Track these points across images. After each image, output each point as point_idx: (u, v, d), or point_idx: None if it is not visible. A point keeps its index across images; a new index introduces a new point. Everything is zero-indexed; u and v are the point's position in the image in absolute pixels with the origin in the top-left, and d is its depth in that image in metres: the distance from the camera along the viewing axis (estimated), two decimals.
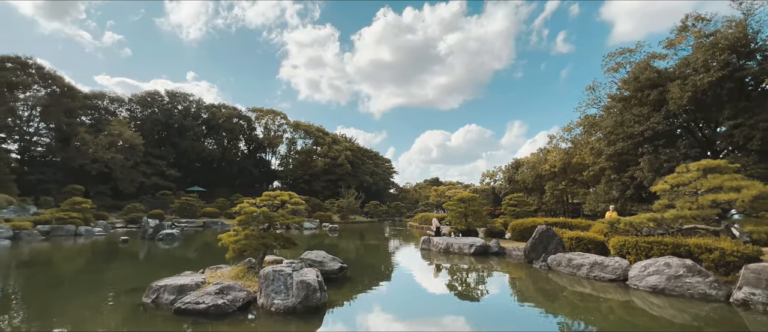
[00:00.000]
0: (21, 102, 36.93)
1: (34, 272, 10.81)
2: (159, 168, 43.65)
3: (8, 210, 22.57)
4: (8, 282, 9.18)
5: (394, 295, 8.33)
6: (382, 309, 6.99)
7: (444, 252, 14.47)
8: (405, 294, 8.51)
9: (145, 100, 49.12)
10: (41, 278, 9.66)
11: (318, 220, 34.65)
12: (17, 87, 36.33)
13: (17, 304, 7.13)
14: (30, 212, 23.54)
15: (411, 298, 8.07)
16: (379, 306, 7.20)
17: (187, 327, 5.44)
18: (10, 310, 6.68)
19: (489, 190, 51.78)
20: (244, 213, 8.05)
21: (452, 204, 19.33)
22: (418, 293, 8.45)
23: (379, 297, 8.05)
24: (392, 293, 8.54)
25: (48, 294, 7.87)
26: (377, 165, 67.36)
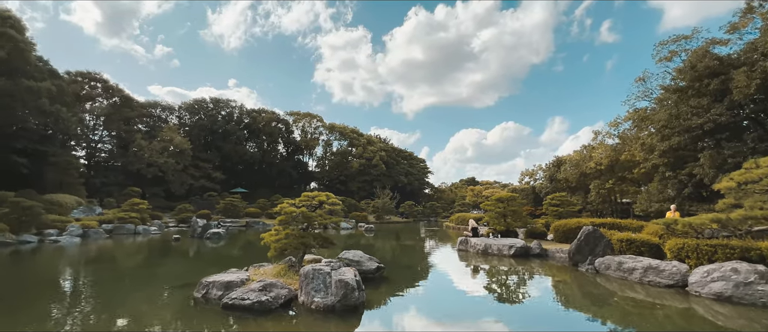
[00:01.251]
0: (88, 112, 40.79)
1: (100, 267, 11.90)
2: (206, 171, 46.38)
3: (78, 210, 25.00)
4: (80, 276, 10.19)
5: (432, 296, 8.25)
6: (420, 310, 6.94)
7: (482, 253, 14.12)
8: (443, 295, 8.40)
9: (193, 107, 52.42)
10: (106, 272, 10.61)
11: (354, 220, 35.13)
12: (85, 99, 40.22)
13: (88, 295, 7.88)
14: (96, 212, 25.89)
15: (449, 300, 7.94)
16: (416, 306, 7.16)
17: (233, 322, 5.72)
18: (82, 301, 7.40)
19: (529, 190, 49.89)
20: (285, 214, 8.33)
21: (490, 204, 18.82)
22: (456, 295, 8.30)
23: (417, 297, 8.01)
24: (430, 294, 8.46)
25: (112, 287, 8.62)
26: (412, 165, 67.14)
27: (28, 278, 10.04)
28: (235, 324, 5.66)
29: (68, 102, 31.60)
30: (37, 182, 27.42)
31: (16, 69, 26.83)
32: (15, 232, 16.56)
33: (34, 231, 17.55)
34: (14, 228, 16.72)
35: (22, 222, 17.18)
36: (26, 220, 17.39)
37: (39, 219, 17.97)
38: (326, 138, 64.48)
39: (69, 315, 6.37)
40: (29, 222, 17.51)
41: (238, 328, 5.53)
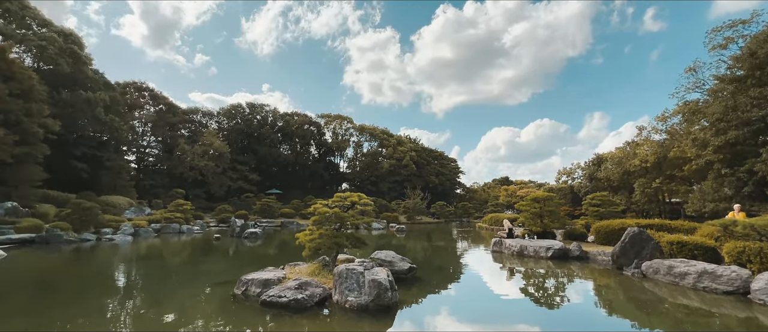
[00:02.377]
0: (137, 120, 43.86)
1: (149, 264, 12.74)
2: (243, 174, 48.39)
3: (130, 210, 26.92)
4: (132, 272, 10.97)
5: (466, 298, 8.11)
6: (453, 311, 6.85)
7: (517, 255, 13.69)
8: (476, 297, 8.23)
9: (230, 112, 54.89)
10: (155, 269, 11.35)
11: (385, 221, 35.25)
12: (135, 107, 43.28)
13: (139, 290, 8.47)
14: (145, 213, 27.75)
15: (483, 302, 7.76)
16: (450, 308, 7.07)
17: (272, 319, 5.92)
18: (134, 295, 7.97)
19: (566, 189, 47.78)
20: (318, 214, 8.51)
21: (525, 205, 18.21)
22: (491, 297, 8.10)
23: (450, 299, 7.91)
24: (463, 296, 8.32)
25: (160, 283, 9.21)
26: (442, 165, 66.36)
27: (88, 273, 10.95)
28: (273, 320, 5.86)
29: (120, 111, 34.17)
30: (94, 185, 29.85)
31: (76, 81, 29.38)
32: (77, 231, 18.10)
33: (93, 230, 19.08)
34: (76, 227, 18.28)
35: (82, 222, 18.75)
36: (86, 220, 18.96)
37: (97, 219, 19.52)
38: (357, 139, 65.22)
39: (123, 307, 6.88)
40: (88, 221, 19.07)
41: (276, 325, 5.72)
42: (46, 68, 27.99)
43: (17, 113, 20.54)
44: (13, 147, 19.98)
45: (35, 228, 17.22)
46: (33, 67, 26.47)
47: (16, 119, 20.43)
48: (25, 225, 17.09)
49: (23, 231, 16.72)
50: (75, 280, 9.68)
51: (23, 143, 21.00)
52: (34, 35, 27.33)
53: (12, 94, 20.41)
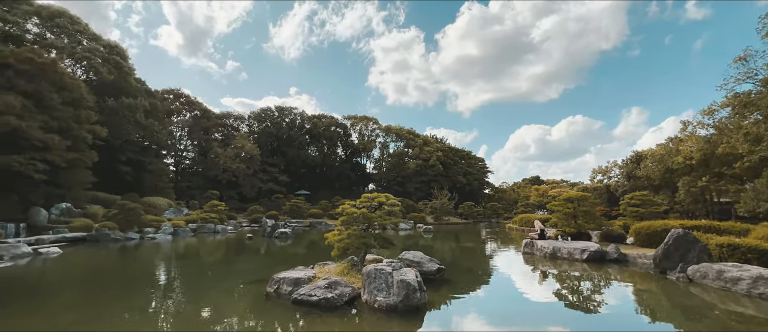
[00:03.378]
0: (175, 125, 46.20)
1: (187, 262, 13.39)
2: (273, 175, 49.79)
3: (169, 211, 28.39)
4: (172, 269, 11.57)
5: (495, 300, 7.93)
6: (482, 313, 6.71)
7: (550, 257, 13.23)
8: (507, 299, 8.02)
9: (260, 116, 56.66)
10: (192, 267, 11.91)
11: (412, 221, 35.12)
12: (172, 113, 45.63)
13: (178, 286, 8.91)
14: (183, 213, 29.17)
15: (514, 305, 7.55)
16: (479, 310, 6.94)
17: (303, 317, 6.05)
18: (174, 290, 8.40)
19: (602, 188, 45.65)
20: (346, 215, 8.62)
21: (558, 205, 17.57)
22: (522, 300, 7.86)
23: (479, 301, 7.76)
24: (493, 298, 8.14)
25: (197, 280, 9.65)
26: (470, 164, 65.25)
27: (133, 270, 11.66)
28: (305, 319, 5.98)
29: (160, 116, 36.13)
30: (137, 187, 31.74)
31: (120, 90, 31.37)
32: (122, 230, 19.31)
33: (137, 229, 20.28)
34: (122, 226, 19.51)
35: (127, 222, 19.98)
36: (131, 220, 20.19)
37: (140, 219, 20.74)
38: (383, 140, 65.41)
39: (165, 302, 7.27)
40: (133, 221, 20.29)
41: (308, 323, 5.84)
42: (93, 78, 30.09)
43: (68, 121, 22.20)
44: (66, 152, 21.61)
45: (86, 227, 18.55)
46: (82, 78, 28.53)
47: (67, 126, 22.08)
48: (77, 225, 18.46)
49: (76, 230, 18.06)
50: (122, 277, 10.33)
51: (75, 149, 22.66)
52: (83, 48, 29.45)
53: (64, 103, 22.09)
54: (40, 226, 17.88)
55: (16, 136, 18.73)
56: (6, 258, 11.76)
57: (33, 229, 17.50)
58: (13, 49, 21.07)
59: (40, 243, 15.39)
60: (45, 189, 21.37)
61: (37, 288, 8.91)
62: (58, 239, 16.61)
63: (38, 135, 19.47)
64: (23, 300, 7.35)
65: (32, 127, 19.16)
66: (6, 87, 19.18)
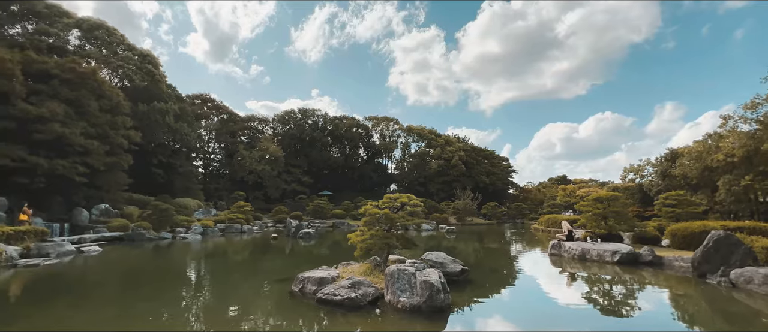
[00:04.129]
0: (203, 128, 47.95)
1: (216, 261, 13.85)
2: (296, 176, 50.75)
3: (199, 211, 29.48)
4: (202, 268, 12.00)
5: (521, 303, 7.75)
6: (508, 316, 6.58)
7: (579, 258, 12.80)
8: (533, 302, 7.81)
9: (284, 118, 57.87)
10: (220, 265, 12.32)
11: (434, 222, 34.87)
12: (201, 117, 47.37)
13: (207, 284, 9.24)
14: (212, 213, 30.22)
15: (540, 308, 7.34)
16: (504, 312, 6.80)
17: (328, 316, 6.12)
18: (203, 288, 8.71)
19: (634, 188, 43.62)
20: (369, 215, 8.66)
21: (587, 205, 16.96)
22: (550, 303, 7.63)
23: (504, 303, 7.61)
24: (519, 300, 7.96)
25: (225, 278, 9.96)
26: (493, 164, 64.07)
27: (166, 268, 12.19)
28: (330, 318, 6.05)
29: (189, 120, 37.60)
30: (169, 188, 33.14)
31: (153, 96, 32.88)
32: (156, 229, 20.22)
33: (169, 229, 21.18)
34: (155, 226, 20.43)
35: (160, 222, 20.90)
36: (163, 220, 21.11)
37: (172, 219, 21.65)
38: (404, 140, 65.32)
39: (196, 299, 7.56)
40: (165, 221, 21.21)
41: (333, 323, 5.91)
42: (128, 85, 31.69)
43: (106, 127, 23.49)
44: (105, 156, 22.87)
45: (123, 227, 19.55)
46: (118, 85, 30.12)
47: (105, 132, 23.37)
48: (115, 225, 19.48)
49: (114, 229, 19.07)
50: (156, 274, 10.82)
51: (112, 153, 23.95)
52: (118, 57, 31.09)
53: (102, 110, 23.39)
54: (82, 226, 19.00)
55: (61, 142, 19.98)
56: (52, 256, 12.57)
57: (75, 229, 18.61)
58: (56, 59, 22.51)
59: (82, 241, 16.35)
60: (86, 191, 22.69)
61: (80, 284, 9.48)
62: (97, 238, 17.60)
63: (79, 140, 20.69)
64: (68, 296, 7.84)
65: (74, 133, 20.39)
66: (50, 95, 20.51)
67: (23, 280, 9.23)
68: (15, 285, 8.72)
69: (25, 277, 9.56)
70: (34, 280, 9.27)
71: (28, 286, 8.63)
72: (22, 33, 25.13)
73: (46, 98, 20.08)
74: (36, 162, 18.63)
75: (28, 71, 20.18)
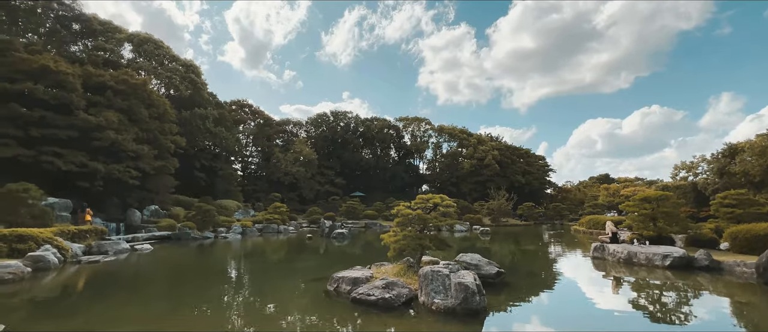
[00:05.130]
0: (241, 133, 50.15)
1: (255, 259, 14.41)
2: (329, 178, 51.77)
3: (238, 212, 30.83)
4: (242, 266, 12.55)
5: (562, 307, 7.42)
6: (547, 321, 6.32)
7: (625, 262, 12.06)
8: (575, 307, 7.45)
9: (316, 121, 59.23)
10: (259, 264, 12.81)
11: (468, 223, 34.24)
12: (239, 122, 49.57)
13: (247, 282, 9.65)
14: (250, 214, 31.50)
15: (583, 313, 6.97)
16: (543, 317, 6.54)
17: (363, 316, 6.19)
18: (243, 286, 9.11)
19: (687, 187, 40.46)
20: (401, 216, 8.66)
21: (633, 205, 15.95)
22: (592, 308, 7.24)
23: (544, 307, 7.32)
24: (559, 304, 7.63)
25: (263, 276, 10.35)
26: (529, 163, 61.88)
27: (210, 265, 12.86)
28: (365, 318, 6.12)
29: (228, 125, 39.48)
30: (210, 190, 34.97)
31: (195, 103, 34.85)
32: (200, 229, 21.39)
33: (211, 229, 22.33)
34: (199, 226, 21.62)
35: (204, 222, 22.09)
36: (206, 220, 22.29)
37: (214, 220, 22.81)
38: (435, 140, 64.71)
39: (237, 295, 7.92)
40: (208, 221, 22.39)
41: (369, 323, 5.96)
42: (173, 94, 33.82)
43: (155, 133, 25.21)
44: (154, 160, 24.54)
45: (170, 227, 20.86)
46: (164, 94, 32.23)
47: (154, 137, 25.09)
48: (163, 224, 20.84)
49: (163, 229, 20.39)
50: (201, 271, 11.45)
51: (160, 157, 25.66)
52: (165, 68, 33.27)
53: (151, 117, 25.13)
54: (135, 225, 20.49)
55: (115, 148, 21.68)
56: (110, 254, 13.65)
57: (129, 228, 20.11)
58: (111, 72, 24.46)
59: (136, 240, 17.62)
60: (138, 194, 24.46)
61: (135, 280, 10.23)
62: (149, 237, 18.90)
63: (131, 146, 22.34)
64: (124, 291, 8.48)
65: (126, 139, 22.05)
66: (106, 105, 22.31)
67: (86, 275, 10.09)
68: (79, 280, 9.56)
69: (87, 272, 10.45)
70: (95, 275, 10.11)
71: (89, 281, 9.43)
72: (82, 49, 27.54)
73: (102, 108, 21.87)
74: (95, 167, 20.33)
75: (87, 84, 22.10)
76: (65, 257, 11.83)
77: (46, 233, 12.09)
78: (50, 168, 18.98)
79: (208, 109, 35.33)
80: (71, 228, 14.29)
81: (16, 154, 18.21)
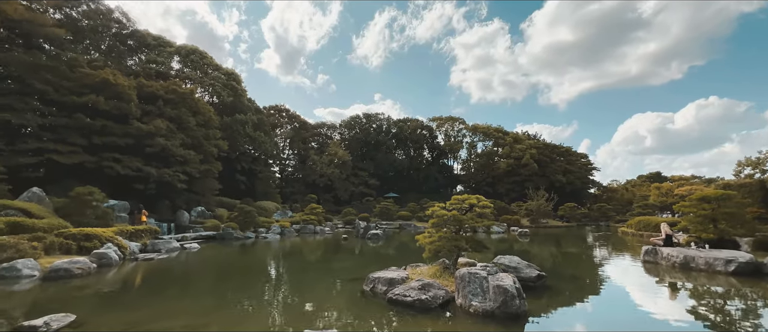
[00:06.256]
0: (279, 137, 52.06)
1: (293, 258, 14.87)
2: (363, 179, 52.36)
3: (277, 213, 31.98)
4: (281, 265, 13.00)
5: (609, 314, 6.98)
6: (594, 328, 5.99)
7: (680, 267, 11.16)
8: (624, 314, 6.97)
9: (350, 124, 60.14)
10: (297, 264, 13.21)
11: (505, 224, 33.22)
12: (276, 126, 51.51)
13: (286, 281, 9.97)
14: (288, 215, 32.56)
15: (634, 321, 6.47)
16: (590, 323, 6.20)
17: (399, 317, 6.20)
18: (282, 284, 9.43)
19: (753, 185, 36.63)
20: (436, 217, 8.59)
21: (690, 206, 14.72)
22: (644, 316, 6.70)
23: (590, 314, 6.93)
24: (606, 311, 7.19)
25: (301, 276, 10.66)
26: (570, 162, 58.96)
27: (252, 264, 13.44)
28: (400, 318, 6.12)
29: (266, 130, 41.13)
30: (250, 193, 36.57)
31: (236, 109, 36.63)
32: (242, 230, 22.42)
33: (252, 229, 23.33)
34: (241, 226, 22.66)
35: (245, 223, 23.13)
36: (248, 221, 23.33)
37: (254, 221, 23.82)
38: (470, 140, 63.49)
39: (277, 293, 8.21)
40: (249, 222, 23.41)
41: (405, 324, 5.97)
42: (216, 101, 35.78)
43: (200, 138, 26.78)
44: (200, 164, 26.08)
45: (215, 227, 22.04)
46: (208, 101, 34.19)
47: (200, 143, 26.67)
48: (209, 225, 22.06)
49: (208, 229, 21.60)
50: (244, 270, 12.00)
51: (205, 161, 27.23)
52: (209, 77, 35.29)
53: (197, 124, 26.73)
54: (184, 226, 21.86)
55: (165, 153, 23.28)
56: (163, 252, 14.67)
57: (179, 228, 21.49)
58: (161, 83, 26.31)
59: (184, 239, 18.80)
60: (186, 196, 26.10)
61: (185, 276, 10.92)
62: (196, 236, 20.10)
63: (179, 151, 23.89)
64: (175, 286, 9.08)
65: (175, 145, 23.61)
66: (157, 114, 24.03)
67: (142, 272, 10.92)
68: (137, 276, 10.36)
69: (143, 269, 11.30)
70: (151, 272, 10.91)
71: (146, 277, 10.19)
72: (137, 63, 29.86)
73: (154, 116, 23.58)
74: (148, 171, 21.96)
75: (140, 95, 23.92)
76: (124, 254, 12.86)
77: (108, 232, 13.20)
78: (110, 172, 20.75)
79: (247, 115, 37.04)
80: (129, 227, 15.52)
81: (82, 160, 20.09)
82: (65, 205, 15.78)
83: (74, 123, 20.25)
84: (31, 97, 19.84)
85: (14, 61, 19.04)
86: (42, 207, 14.66)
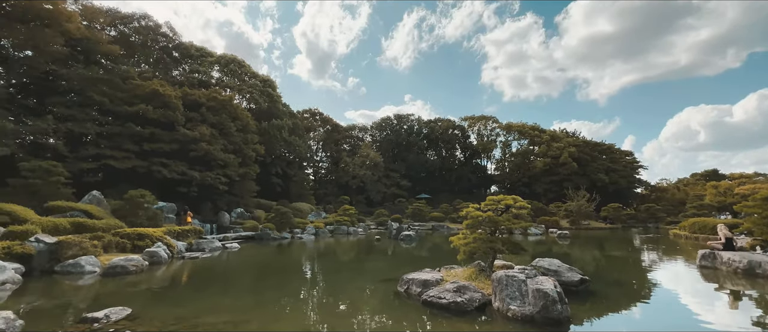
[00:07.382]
0: (312, 140, 53.39)
1: (328, 259, 15.16)
2: (395, 180, 52.44)
3: (311, 215, 32.75)
4: (316, 265, 13.30)
5: (662, 322, 6.49)
6: None
7: (743, 273, 10.19)
8: (679, 322, 6.43)
9: (381, 125, 60.50)
10: (331, 264, 13.44)
11: (543, 226, 31.96)
12: (310, 130, 52.87)
13: (320, 281, 10.18)
14: (321, 216, 33.25)
15: (689, 328, 6.00)
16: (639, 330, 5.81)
17: (434, 319, 6.13)
18: (317, 284, 9.63)
19: None
20: (471, 218, 8.42)
21: (753, 206, 13.41)
22: (702, 325, 6.18)
23: (638, 322, 6.49)
24: (658, 319, 6.69)
25: (335, 276, 10.83)
26: (613, 160, 55.71)
27: (288, 264, 13.85)
28: (435, 320, 6.05)
29: (300, 133, 42.31)
30: (286, 194, 37.72)
31: (271, 114, 37.98)
32: (278, 230, 23.17)
33: (288, 230, 24.05)
34: (278, 227, 23.43)
35: (281, 224, 23.89)
36: (284, 222, 24.08)
37: (290, 222, 24.54)
38: (504, 139, 61.80)
39: (312, 292, 8.41)
40: (285, 223, 24.16)
41: (438, 325, 5.90)
42: (253, 107, 37.31)
43: (240, 143, 28.03)
44: (239, 168, 27.29)
45: (254, 227, 22.95)
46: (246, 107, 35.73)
47: (239, 147, 27.92)
48: (248, 226, 23.00)
49: (247, 230, 22.52)
50: (281, 269, 12.40)
51: (244, 165, 28.46)
52: (246, 84, 36.88)
53: (237, 130, 28.00)
54: (225, 226, 22.96)
55: (207, 157, 24.59)
56: (207, 251, 15.48)
57: (220, 228, 22.59)
58: (203, 91, 27.83)
59: (226, 239, 19.73)
60: (227, 198, 27.40)
61: (226, 275, 11.45)
62: (236, 236, 21.02)
63: (220, 155, 25.14)
64: (218, 284, 9.54)
65: (216, 149, 24.87)
66: (200, 121, 25.43)
67: (189, 269, 11.58)
68: (184, 274, 11.00)
69: (189, 267, 11.99)
70: (196, 270, 11.55)
71: (192, 274, 10.80)
72: (181, 73, 31.81)
73: (197, 123, 24.98)
74: (192, 174, 23.28)
75: (184, 102, 25.44)
76: (172, 253, 13.69)
77: (158, 232, 14.13)
78: (158, 176, 22.22)
79: (283, 120, 38.31)
80: (176, 228, 16.52)
81: (134, 165, 21.68)
82: (120, 207, 17.08)
83: (127, 130, 21.89)
84: (91, 108, 21.70)
85: (76, 76, 20.93)
86: (101, 209, 15.96)
